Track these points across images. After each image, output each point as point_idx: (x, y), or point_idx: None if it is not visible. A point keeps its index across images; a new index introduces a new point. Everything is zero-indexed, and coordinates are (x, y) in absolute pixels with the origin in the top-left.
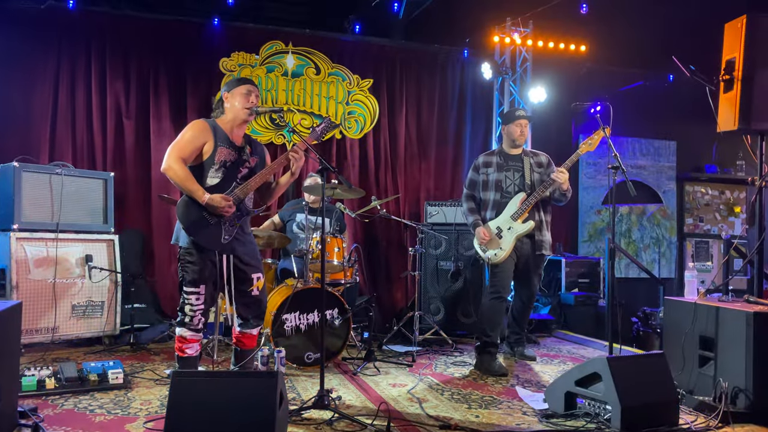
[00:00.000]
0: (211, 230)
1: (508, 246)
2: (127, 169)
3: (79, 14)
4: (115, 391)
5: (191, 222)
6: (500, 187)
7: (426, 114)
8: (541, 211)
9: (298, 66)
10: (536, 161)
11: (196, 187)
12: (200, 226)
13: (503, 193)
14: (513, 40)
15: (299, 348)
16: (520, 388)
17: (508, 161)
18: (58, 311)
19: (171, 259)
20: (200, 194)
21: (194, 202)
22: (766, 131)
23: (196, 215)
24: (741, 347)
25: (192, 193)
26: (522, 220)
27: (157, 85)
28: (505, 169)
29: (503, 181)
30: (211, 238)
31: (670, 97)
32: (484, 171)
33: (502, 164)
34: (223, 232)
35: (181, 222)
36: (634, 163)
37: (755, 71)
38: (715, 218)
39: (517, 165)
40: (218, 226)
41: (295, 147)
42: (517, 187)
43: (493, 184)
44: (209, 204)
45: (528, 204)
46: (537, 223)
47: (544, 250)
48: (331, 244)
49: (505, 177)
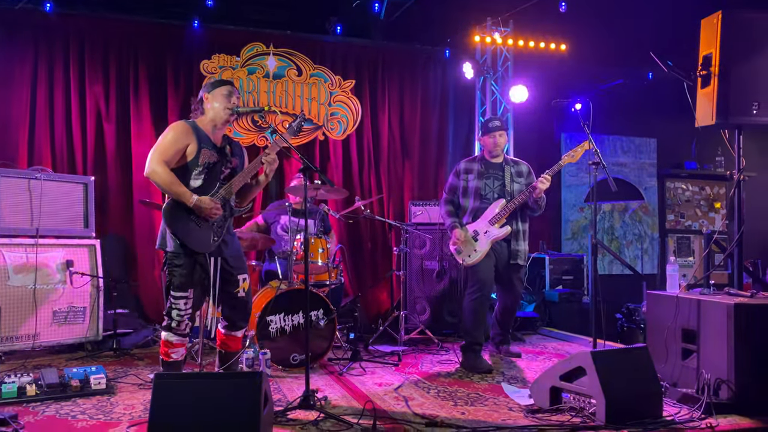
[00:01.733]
0: (200, 233)
1: (482, 249)
2: (108, 173)
3: (56, 17)
4: (97, 396)
5: (179, 226)
6: (479, 195)
7: (408, 114)
8: (518, 221)
9: (280, 67)
10: (516, 170)
11: (183, 190)
12: (189, 229)
13: (482, 200)
14: (494, 39)
15: (284, 350)
16: (505, 385)
17: (488, 169)
18: (39, 318)
19: (154, 264)
20: (188, 197)
21: (180, 206)
22: (743, 125)
23: (184, 219)
24: (722, 339)
25: (179, 196)
26: (499, 225)
27: (138, 87)
28: (485, 177)
29: (482, 189)
30: (201, 241)
31: (650, 94)
32: (465, 177)
33: (482, 172)
34: (212, 234)
35: (168, 226)
36: (615, 160)
37: (731, 66)
38: (696, 214)
39: (498, 173)
40: (206, 228)
41: (267, 150)
42: (496, 195)
43: (473, 191)
44: (197, 206)
45: (507, 210)
46: (513, 232)
47: (519, 260)
48: (315, 245)
49: (485, 185)
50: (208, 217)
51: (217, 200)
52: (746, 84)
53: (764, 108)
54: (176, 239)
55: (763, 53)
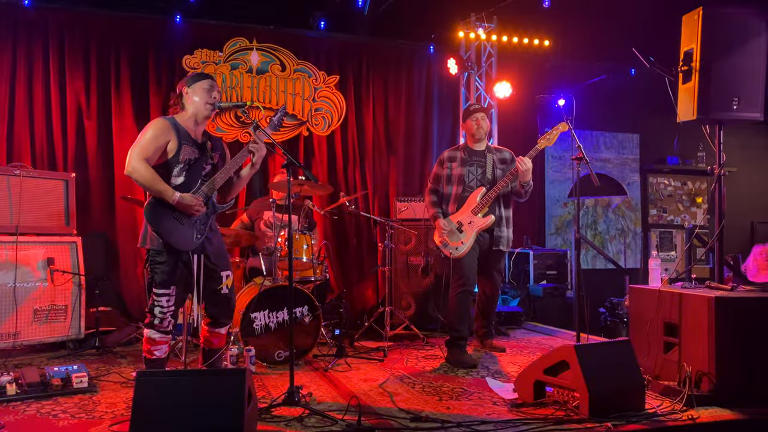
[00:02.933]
0: (183, 230)
1: (469, 240)
2: (90, 170)
3: (35, 11)
4: (79, 395)
5: (162, 224)
6: (462, 181)
7: (393, 110)
8: (501, 207)
9: (263, 63)
10: (499, 157)
11: (164, 187)
12: (171, 227)
13: (465, 187)
14: (478, 35)
15: (269, 347)
16: (490, 379)
17: (471, 156)
18: (20, 316)
19: (137, 261)
20: (170, 194)
21: (162, 203)
22: (724, 121)
23: (166, 216)
24: (703, 332)
25: (161, 193)
26: (482, 214)
27: (119, 83)
28: (468, 164)
29: (465, 176)
30: (184, 239)
31: (633, 90)
32: (449, 165)
33: (465, 159)
34: (195, 232)
35: (150, 224)
36: (598, 156)
37: (712, 62)
38: (678, 209)
39: (480, 160)
40: (189, 225)
41: (254, 137)
42: (478, 182)
43: (456, 178)
44: (179, 203)
45: (488, 198)
46: (496, 218)
47: (501, 246)
48: (299, 241)
49: (468, 171)
50: (191, 215)
51: (200, 197)
52: (727, 79)
53: (744, 103)
54: (158, 237)
55: (743, 49)
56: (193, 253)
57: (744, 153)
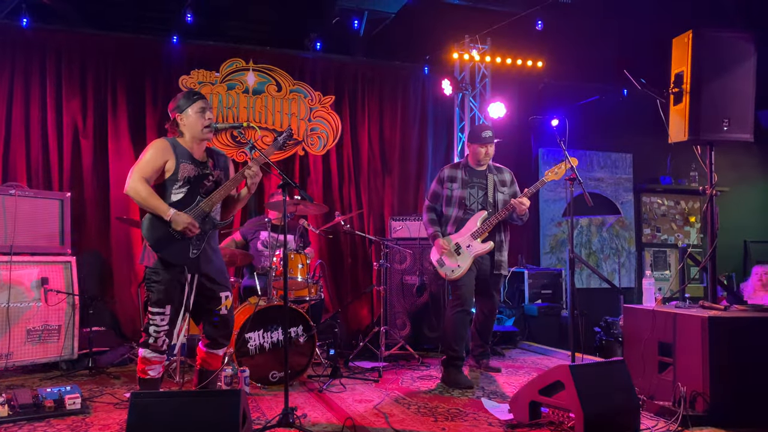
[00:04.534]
0: (179, 245)
1: (465, 264)
2: (85, 190)
3: (32, 32)
4: (72, 416)
5: (157, 238)
6: (463, 204)
7: (388, 130)
8: (501, 232)
9: (259, 83)
10: (500, 179)
11: (159, 203)
12: (167, 241)
13: (466, 210)
14: (472, 56)
15: (264, 367)
16: (485, 400)
17: (473, 177)
18: (12, 336)
19: (131, 281)
20: (164, 209)
21: (159, 219)
22: (715, 141)
23: (162, 231)
24: (697, 352)
25: (156, 209)
26: (482, 240)
27: (116, 103)
28: (470, 186)
29: (467, 199)
30: (179, 253)
31: (625, 110)
32: (449, 186)
33: (467, 180)
34: (191, 247)
35: (147, 239)
36: (592, 175)
37: (702, 84)
38: (672, 228)
39: (482, 182)
40: (185, 240)
41: (249, 163)
42: (480, 205)
43: (457, 201)
44: (173, 220)
45: (489, 224)
46: (497, 243)
47: (502, 270)
48: (294, 260)
49: (469, 194)
50: (184, 233)
51: (197, 214)
52: (717, 101)
53: (735, 124)
54: (155, 251)
55: (733, 71)
56: (190, 272)
57: (736, 173)
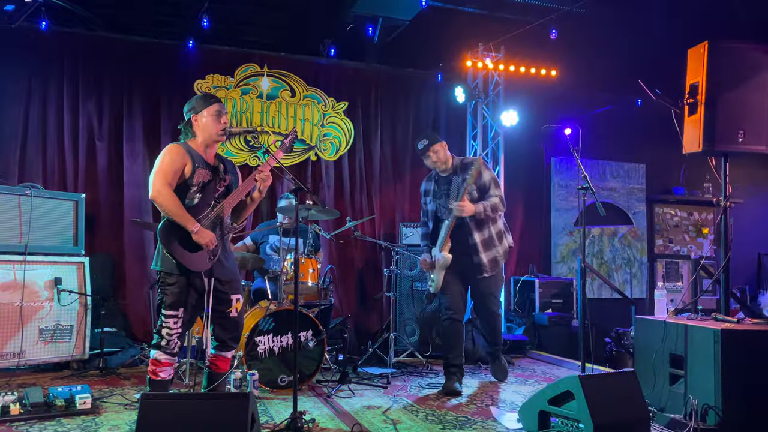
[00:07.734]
0: (195, 252)
1: (438, 277)
2: (99, 191)
3: (51, 35)
4: (82, 416)
5: (175, 245)
6: (435, 216)
7: (401, 136)
8: (473, 233)
9: (274, 88)
10: (464, 177)
11: (188, 217)
12: (184, 249)
13: (439, 221)
14: (485, 64)
15: (273, 371)
16: (494, 408)
17: (441, 186)
18: (25, 335)
19: (143, 282)
20: (191, 225)
21: (176, 225)
22: (729, 153)
23: (179, 238)
24: (710, 364)
25: (183, 221)
26: (446, 250)
27: (131, 107)
28: (437, 197)
29: (438, 210)
30: (196, 260)
31: (639, 120)
32: (424, 200)
33: (436, 191)
34: (208, 254)
35: (164, 246)
36: (604, 184)
37: (717, 95)
38: (684, 239)
39: (446, 188)
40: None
41: (260, 167)
42: (448, 213)
43: (432, 215)
44: (196, 236)
45: (447, 233)
46: (471, 246)
47: (485, 273)
48: (305, 265)
49: (439, 206)
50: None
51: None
52: (732, 112)
53: (750, 136)
54: (172, 259)
55: (748, 82)
56: (204, 276)
57: (751, 184)
